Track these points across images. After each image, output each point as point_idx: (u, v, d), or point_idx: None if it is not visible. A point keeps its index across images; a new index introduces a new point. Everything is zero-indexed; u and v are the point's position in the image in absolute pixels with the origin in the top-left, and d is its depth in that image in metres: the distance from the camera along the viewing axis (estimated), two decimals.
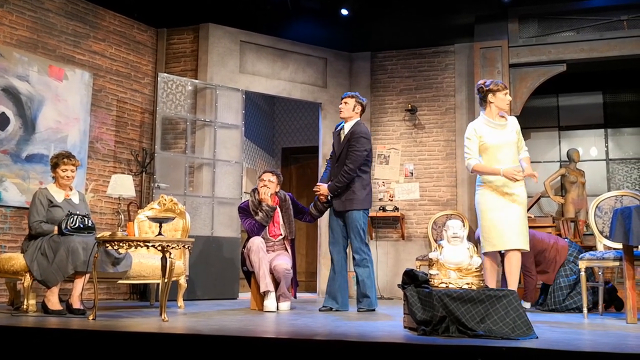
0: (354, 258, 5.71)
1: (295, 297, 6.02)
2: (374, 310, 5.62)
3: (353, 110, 5.87)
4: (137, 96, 7.89)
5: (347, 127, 5.87)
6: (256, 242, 5.67)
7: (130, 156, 7.74)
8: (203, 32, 8.03)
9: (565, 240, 6.52)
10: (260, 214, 5.78)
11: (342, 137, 5.86)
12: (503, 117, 5.06)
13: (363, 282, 5.65)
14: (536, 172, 4.95)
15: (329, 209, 5.91)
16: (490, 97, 5.01)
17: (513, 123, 5.07)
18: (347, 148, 5.74)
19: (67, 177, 5.25)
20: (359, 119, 5.91)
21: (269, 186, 5.89)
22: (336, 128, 6.04)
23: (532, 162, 5.00)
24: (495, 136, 4.94)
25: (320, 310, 5.63)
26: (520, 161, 4.98)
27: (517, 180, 4.82)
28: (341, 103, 5.93)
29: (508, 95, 5.06)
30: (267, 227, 5.87)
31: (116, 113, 7.61)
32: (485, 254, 4.90)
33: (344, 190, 5.71)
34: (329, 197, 5.79)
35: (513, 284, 4.80)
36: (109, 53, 7.55)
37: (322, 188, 5.80)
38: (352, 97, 5.90)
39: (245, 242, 5.85)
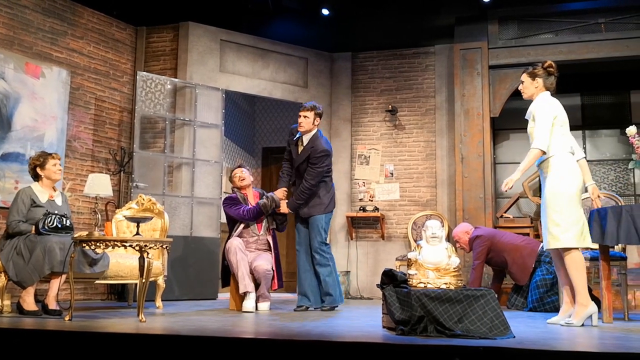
0: (314, 257, 5.74)
1: (282, 285, 6.02)
2: (336, 307, 5.70)
3: (313, 123, 5.78)
4: (116, 95, 7.82)
5: (306, 139, 5.80)
6: (234, 242, 5.66)
7: (109, 155, 7.66)
8: (183, 30, 7.97)
9: (542, 242, 6.55)
10: (265, 200, 5.76)
11: (301, 148, 5.81)
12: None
13: (325, 281, 5.72)
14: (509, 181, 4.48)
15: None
16: None
17: (532, 107, 4.65)
18: (307, 162, 5.73)
19: (60, 170, 5.25)
20: (316, 129, 5.84)
21: (246, 177, 5.97)
22: (292, 135, 5.95)
23: (510, 163, 4.89)
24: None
25: (295, 310, 5.64)
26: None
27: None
28: (300, 116, 5.79)
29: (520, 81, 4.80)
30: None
31: (94, 112, 7.53)
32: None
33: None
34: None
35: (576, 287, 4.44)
36: (87, 51, 7.47)
37: (282, 208, 5.82)
38: (312, 109, 5.76)
39: (226, 241, 5.83)
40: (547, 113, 4.52)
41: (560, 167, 4.45)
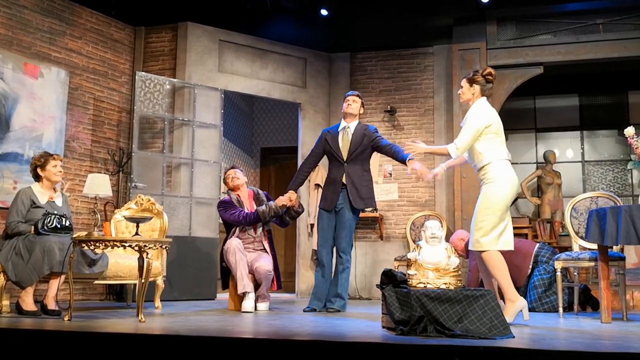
0: (340, 256, 5.61)
1: (281, 287, 5.96)
2: (343, 312, 5.52)
3: (359, 110, 5.80)
4: (114, 95, 7.81)
5: (353, 126, 5.73)
6: (234, 243, 5.64)
7: (107, 155, 7.65)
8: (182, 30, 7.98)
9: (538, 243, 6.56)
10: (265, 209, 5.68)
11: (349, 136, 5.69)
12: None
13: (342, 285, 5.61)
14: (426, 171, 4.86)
15: (318, 210, 5.83)
16: None
17: (468, 113, 4.65)
18: (367, 144, 5.62)
19: (60, 171, 5.22)
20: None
21: (240, 177, 5.93)
22: (328, 130, 5.85)
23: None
24: None
25: (304, 311, 5.54)
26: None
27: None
28: (348, 100, 5.74)
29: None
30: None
31: (93, 112, 7.53)
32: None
33: (366, 186, 5.63)
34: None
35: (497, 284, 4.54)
36: (86, 51, 7.47)
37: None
38: (361, 98, 5.83)
39: (224, 242, 5.82)
40: (480, 120, 4.51)
41: (497, 175, 4.48)
